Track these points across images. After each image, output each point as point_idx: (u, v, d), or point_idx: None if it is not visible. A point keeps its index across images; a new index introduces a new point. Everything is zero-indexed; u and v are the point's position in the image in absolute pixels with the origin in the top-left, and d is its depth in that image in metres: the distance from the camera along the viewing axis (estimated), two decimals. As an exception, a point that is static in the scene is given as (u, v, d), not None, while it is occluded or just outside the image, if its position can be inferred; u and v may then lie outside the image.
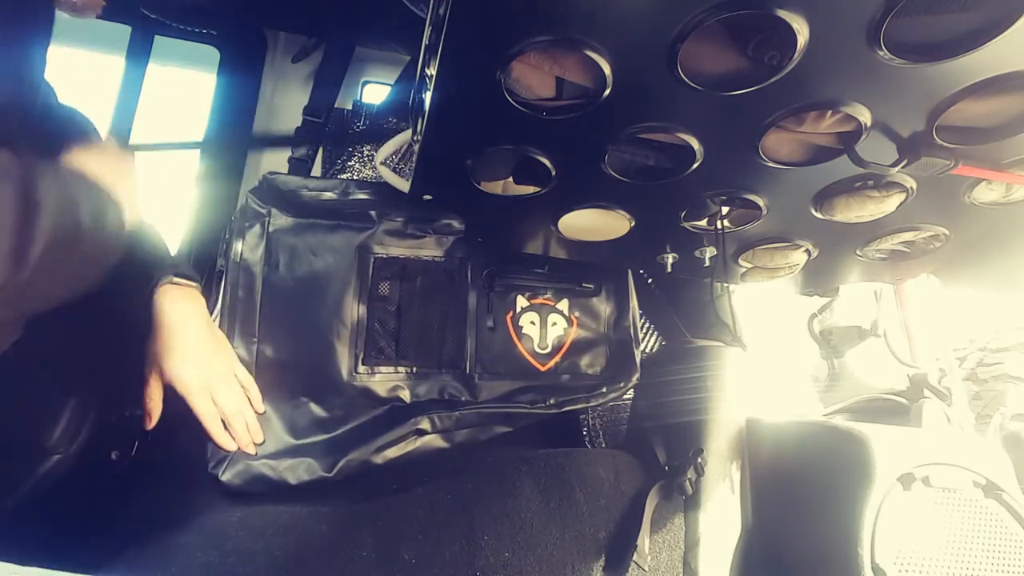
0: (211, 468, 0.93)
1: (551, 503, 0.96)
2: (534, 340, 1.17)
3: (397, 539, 0.87)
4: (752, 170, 0.81)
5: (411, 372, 1.08)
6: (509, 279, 1.18)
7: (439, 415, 1.05)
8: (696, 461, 1.01)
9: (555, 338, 1.19)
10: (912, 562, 0.83)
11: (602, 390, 1.17)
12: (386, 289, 1.10)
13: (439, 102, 0.70)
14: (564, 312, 1.21)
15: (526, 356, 1.16)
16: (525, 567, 0.88)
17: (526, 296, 1.19)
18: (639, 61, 0.63)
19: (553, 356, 1.18)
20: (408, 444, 1.03)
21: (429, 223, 1.13)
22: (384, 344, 1.08)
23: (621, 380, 1.19)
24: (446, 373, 1.10)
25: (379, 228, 1.10)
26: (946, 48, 0.59)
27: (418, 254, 1.13)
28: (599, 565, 0.93)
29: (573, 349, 1.19)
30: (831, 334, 1.53)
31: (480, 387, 1.11)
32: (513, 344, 1.16)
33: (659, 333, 1.44)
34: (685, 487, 0.99)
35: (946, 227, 0.95)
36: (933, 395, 1.15)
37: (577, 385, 1.17)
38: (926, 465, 0.88)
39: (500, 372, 1.13)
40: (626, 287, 1.27)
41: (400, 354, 1.08)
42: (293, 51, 1.50)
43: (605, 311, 1.24)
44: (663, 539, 1.00)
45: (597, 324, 1.23)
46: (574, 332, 1.20)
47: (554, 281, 1.21)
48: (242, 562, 0.79)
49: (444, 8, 0.59)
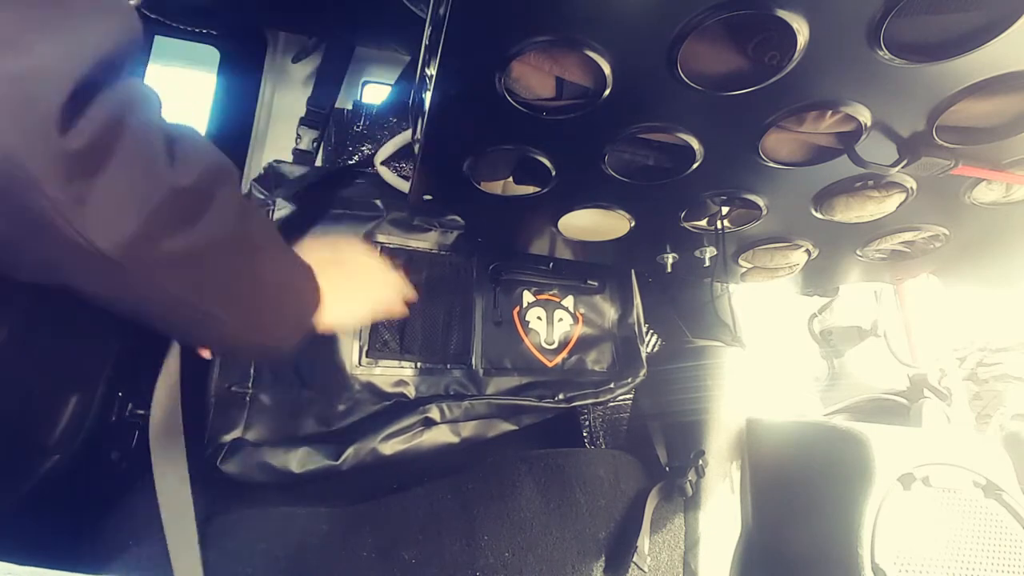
0: (208, 456, 0.90)
1: (551, 503, 0.96)
2: (541, 335, 1.17)
3: (397, 539, 0.87)
4: (752, 170, 0.81)
5: (416, 367, 1.07)
6: (515, 274, 1.17)
7: (448, 404, 1.03)
8: (697, 463, 1.02)
9: (561, 334, 1.18)
10: (912, 562, 0.83)
11: (610, 386, 1.16)
12: None
13: (439, 102, 0.70)
14: (570, 309, 1.21)
15: (533, 351, 1.15)
16: (525, 567, 0.88)
17: (532, 291, 1.18)
18: (639, 61, 0.63)
19: (560, 352, 1.17)
20: (416, 436, 1.02)
21: (436, 216, 1.12)
22: (388, 337, 1.06)
23: (628, 376, 1.19)
24: (452, 369, 1.09)
25: (385, 218, 1.09)
26: (946, 48, 0.59)
27: (424, 246, 1.12)
28: (599, 565, 0.93)
29: (579, 345, 1.19)
30: (831, 334, 1.53)
31: (486, 383, 1.09)
32: (520, 339, 1.15)
33: (659, 333, 1.44)
34: (686, 488, 0.99)
35: (946, 227, 0.95)
36: (933, 395, 1.15)
37: (584, 381, 1.16)
38: (926, 465, 0.88)
39: (507, 367, 1.12)
40: (630, 285, 1.27)
41: (405, 348, 1.06)
42: (293, 51, 1.50)
43: (610, 309, 1.24)
44: (663, 539, 1.00)
45: (602, 321, 1.23)
46: (580, 328, 1.20)
47: (559, 278, 1.21)
48: (242, 562, 0.79)
49: (444, 8, 0.59)
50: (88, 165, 0.41)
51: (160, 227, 0.46)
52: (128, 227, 0.44)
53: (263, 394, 0.97)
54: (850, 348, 1.51)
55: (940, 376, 1.18)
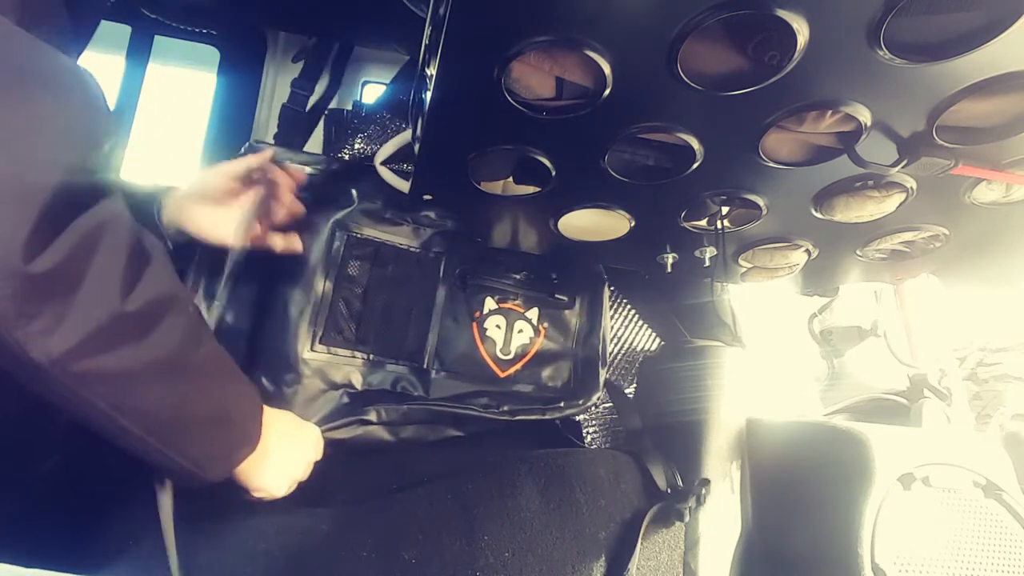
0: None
1: (551, 503, 0.96)
2: (497, 344, 1.15)
3: (397, 539, 0.87)
4: (752, 170, 0.81)
5: (367, 359, 1.05)
6: (482, 279, 1.15)
7: (386, 407, 1.02)
8: (700, 492, 1.00)
9: (519, 345, 1.16)
10: (912, 562, 0.83)
11: (559, 404, 1.14)
12: (355, 270, 1.07)
13: (439, 102, 0.70)
14: (533, 321, 1.18)
15: (486, 359, 1.13)
16: (525, 567, 0.88)
17: (495, 299, 1.16)
18: (639, 61, 0.63)
19: (515, 363, 1.15)
20: (353, 430, 1.01)
21: (409, 211, 1.11)
22: (344, 326, 1.04)
23: (581, 397, 1.16)
24: (402, 365, 1.08)
25: (357, 207, 1.08)
26: (946, 48, 0.59)
27: (393, 240, 1.11)
28: (599, 565, 0.92)
29: (536, 359, 1.17)
30: (831, 334, 1.53)
31: (435, 384, 1.08)
32: (475, 345, 1.13)
33: (658, 333, 1.44)
34: (683, 514, 0.98)
35: (946, 227, 0.95)
36: (933, 395, 1.15)
37: (535, 396, 1.14)
38: (926, 465, 0.88)
39: (458, 372, 1.11)
40: (600, 304, 1.24)
41: (359, 338, 1.05)
42: (293, 51, 1.50)
43: (575, 325, 1.21)
44: (663, 539, 1.00)
45: (565, 338, 1.20)
46: (540, 342, 1.18)
47: (528, 288, 1.19)
48: (242, 562, 0.79)
49: (444, 8, 0.59)
50: (44, 289, 0.43)
51: (96, 347, 0.48)
52: (64, 344, 0.46)
53: None
54: (850, 348, 1.51)
55: (940, 376, 1.19)
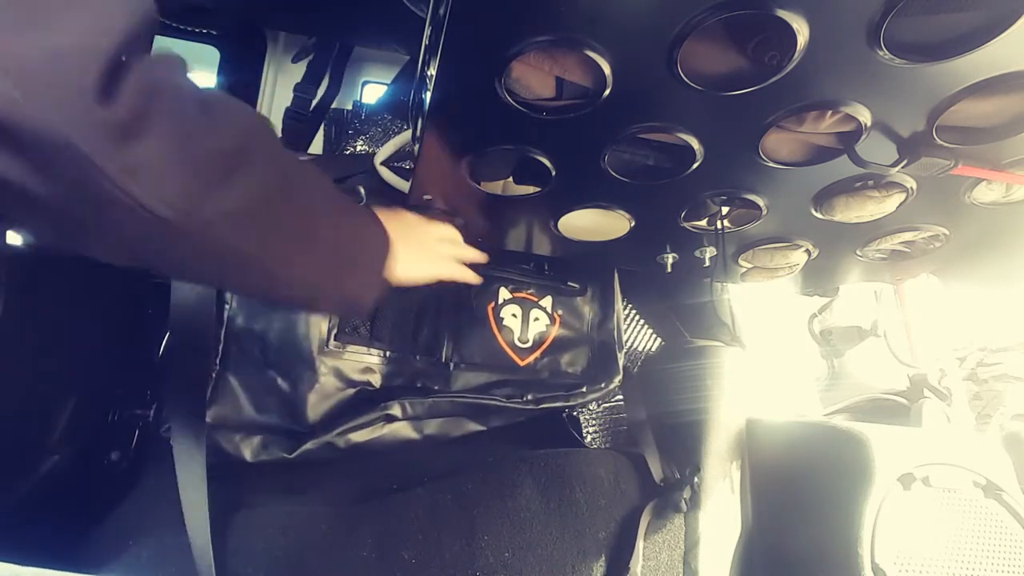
0: (163, 432, 0.88)
1: (551, 503, 0.96)
2: (515, 332, 1.14)
3: (397, 539, 0.87)
4: (752, 170, 0.81)
5: (384, 356, 1.05)
6: (493, 270, 1.15)
7: (411, 401, 1.02)
8: (692, 480, 1.01)
9: (536, 333, 1.16)
10: (912, 562, 0.83)
11: (582, 390, 1.14)
12: None
13: (439, 102, 0.70)
14: (547, 309, 1.19)
15: (505, 348, 1.13)
16: (525, 567, 0.88)
17: (509, 288, 1.16)
18: (639, 61, 0.63)
19: (533, 351, 1.15)
20: (376, 430, 1.00)
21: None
22: (359, 322, 1.04)
23: (602, 381, 1.17)
24: (421, 360, 1.07)
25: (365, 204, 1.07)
26: (946, 48, 0.59)
27: None
28: (599, 565, 0.93)
29: (554, 346, 1.17)
30: (831, 334, 1.52)
31: (455, 377, 1.08)
32: (493, 335, 1.13)
33: (658, 333, 1.43)
34: (680, 504, 0.98)
35: (946, 227, 0.95)
36: (933, 395, 1.15)
37: (556, 383, 1.14)
38: (926, 465, 0.88)
39: (477, 363, 1.10)
40: (612, 290, 1.24)
41: (375, 335, 1.04)
42: (293, 51, 1.50)
43: (589, 312, 1.22)
44: (663, 539, 1.00)
45: (580, 324, 1.21)
46: (556, 330, 1.18)
47: (539, 278, 1.19)
48: (242, 562, 0.80)
49: (444, 8, 0.59)
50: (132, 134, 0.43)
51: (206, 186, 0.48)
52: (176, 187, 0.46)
53: (230, 374, 0.95)
54: (850, 348, 1.51)
55: (940, 376, 1.18)
